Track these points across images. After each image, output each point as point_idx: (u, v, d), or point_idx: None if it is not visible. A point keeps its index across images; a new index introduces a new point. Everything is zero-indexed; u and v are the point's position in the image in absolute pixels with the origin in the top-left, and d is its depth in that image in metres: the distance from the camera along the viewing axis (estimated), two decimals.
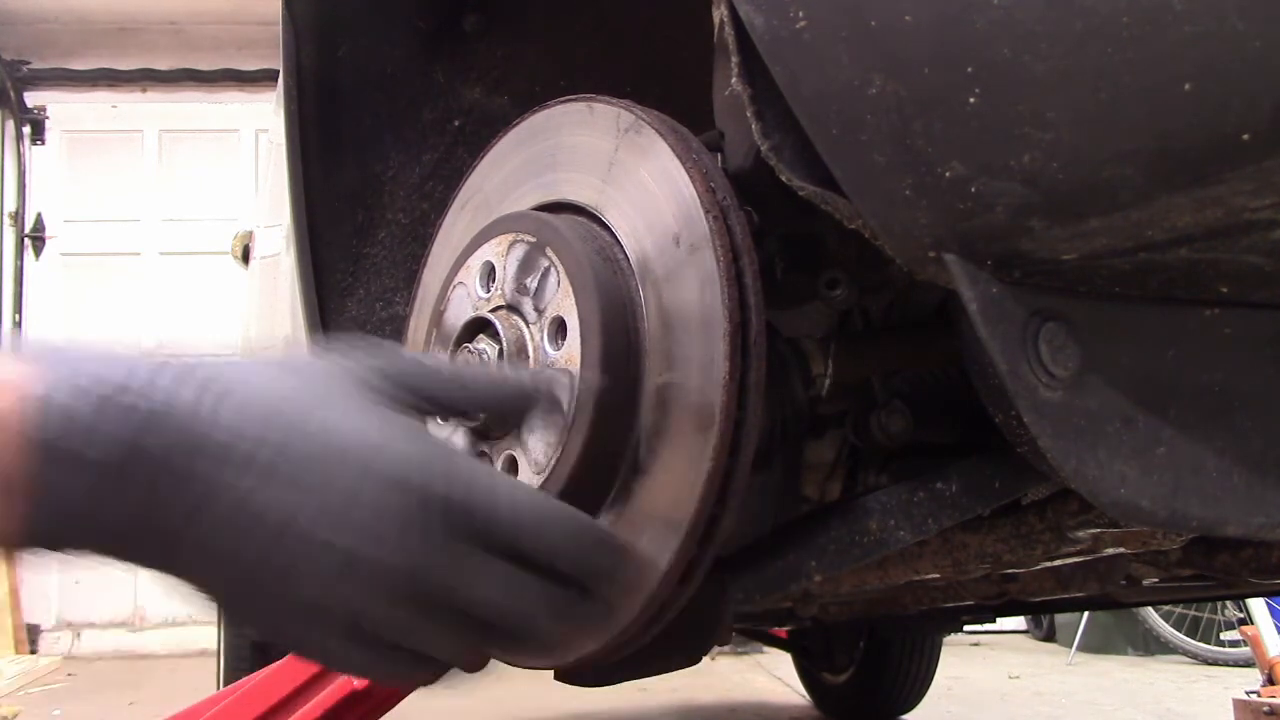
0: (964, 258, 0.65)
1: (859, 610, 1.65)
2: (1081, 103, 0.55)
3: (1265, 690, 3.01)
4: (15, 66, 6.10)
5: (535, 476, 0.80)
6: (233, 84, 6.24)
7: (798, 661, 3.48)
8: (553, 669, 0.86)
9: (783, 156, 0.73)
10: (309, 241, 1.38)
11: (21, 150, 6.15)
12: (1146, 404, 0.68)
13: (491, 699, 3.68)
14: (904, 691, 3.14)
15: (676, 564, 0.74)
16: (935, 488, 0.85)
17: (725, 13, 0.73)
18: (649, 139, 0.81)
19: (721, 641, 0.97)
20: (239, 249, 2.96)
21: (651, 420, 0.77)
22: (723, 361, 0.72)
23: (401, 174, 1.41)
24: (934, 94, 0.61)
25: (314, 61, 1.38)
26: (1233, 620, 4.50)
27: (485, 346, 0.84)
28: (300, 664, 1.63)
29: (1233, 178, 0.55)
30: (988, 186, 0.61)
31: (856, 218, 0.70)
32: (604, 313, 0.78)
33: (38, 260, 6.15)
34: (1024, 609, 2.70)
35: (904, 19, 0.61)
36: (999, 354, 0.64)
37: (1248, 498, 0.71)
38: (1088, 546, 0.96)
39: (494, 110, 1.41)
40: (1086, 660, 4.85)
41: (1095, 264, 0.65)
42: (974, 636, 5.70)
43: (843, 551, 0.89)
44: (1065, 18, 0.54)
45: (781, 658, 3.91)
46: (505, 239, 0.87)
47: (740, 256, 0.74)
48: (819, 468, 1.03)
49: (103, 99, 6.22)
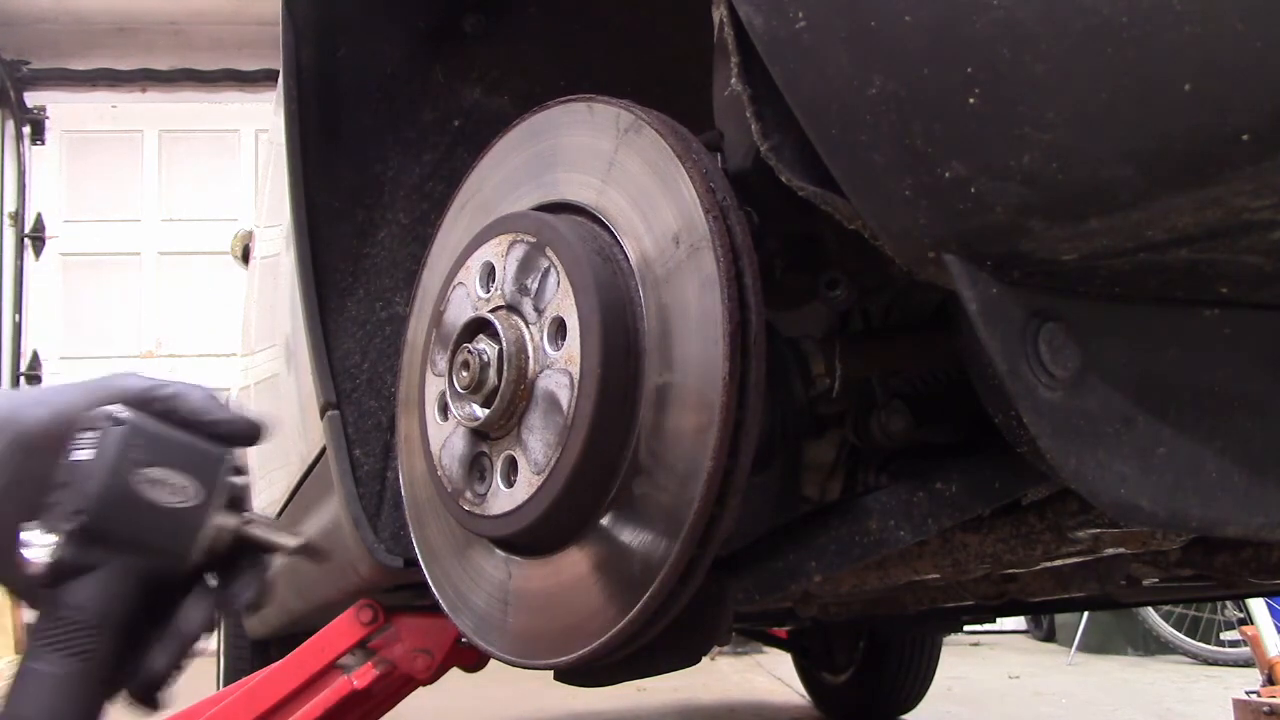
0: (964, 258, 0.65)
1: (859, 610, 1.65)
2: (1081, 103, 0.55)
3: (1265, 690, 3.01)
4: (15, 66, 6.10)
5: (535, 476, 0.80)
6: (233, 84, 6.25)
7: (798, 661, 3.48)
8: (552, 669, 0.86)
9: (782, 156, 0.73)
10: (309, 241, 1.38)
11: (21, 150, 6.16)
12: (1146, 404, 0.68)
13: (491, 699, 3.68)
14: (904, 691, 3.14)
15: (677, 564, 0.74)
16: (935, 488, 0.85)
17: (725, 13, 0.73)
18: (649, 139, 0.81)
19: (721, 641, 0.97)
20: (239, 249, 2.96)
21: (651, 420, 0.77)
22: (722, 362, 0.72)
23: (401, 174, 1.41)
24: (933, 94, 0.61)
25: (314, 61, 1.38)
26: (1233, 620, 4.50)
27: (485, 346, 0.84)
28: (300, 664, 1.63)
29: (1232, 178, 0.55)
30: (987, 187, 0.61)
31: (856, 218, 0.70)
32: (604, 313, 0.78)
33: (38, 260, 6.16)
34: (1024, 609, 2.70)
35: (903, 19, 0.61)
36: (999, 354, 0.64)
37: (1248, 498, 0.71)
38: (1088, 546, 0.96)
39: (494, 110, 1.41)
40: (1086, 660, 4.85)
41: (1095, 264, 0.65)
42: (974, 636, 5.71)
43: (843, 551, 0.89)
44: (1065, 18, 0.54)
45: (781, 658, 3.91)
46: (505, 239, 0.87)
47: (740, 257, 0.74)
48: (819, 468, 1.03)
49: (102, 99, 6.22)
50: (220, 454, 0.72)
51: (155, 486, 0.68)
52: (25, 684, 0.64)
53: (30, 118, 6.17)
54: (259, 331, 2.27)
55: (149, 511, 0.68)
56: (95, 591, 0.66)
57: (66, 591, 0.66)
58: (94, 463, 0.67)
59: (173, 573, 0.70)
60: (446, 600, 0.96)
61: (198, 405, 0.73)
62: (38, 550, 0.66)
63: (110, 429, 0.67)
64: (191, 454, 0.70)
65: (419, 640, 1.78)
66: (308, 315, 1.39)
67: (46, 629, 0.66)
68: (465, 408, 0.85)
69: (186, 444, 0.70)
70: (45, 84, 6.19)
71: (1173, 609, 4.68)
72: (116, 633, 0.67)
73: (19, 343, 6.12)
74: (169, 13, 6.16)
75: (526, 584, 0.86)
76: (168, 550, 0.69)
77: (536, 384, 0.81)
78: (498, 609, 0.89)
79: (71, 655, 0.65)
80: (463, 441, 0.87)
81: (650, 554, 0.76)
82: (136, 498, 0.67)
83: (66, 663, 0.65)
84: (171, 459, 0.69)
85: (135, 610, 0.68)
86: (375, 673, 1.66)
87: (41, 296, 6.13)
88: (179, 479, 0.69)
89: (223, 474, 0.71)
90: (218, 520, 0.71)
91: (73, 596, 0.66)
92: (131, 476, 0.67)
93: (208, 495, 0.70)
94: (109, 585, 0.67)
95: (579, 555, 0.82)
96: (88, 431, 0.68)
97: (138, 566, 0.68)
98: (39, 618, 0.67)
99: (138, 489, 0.67)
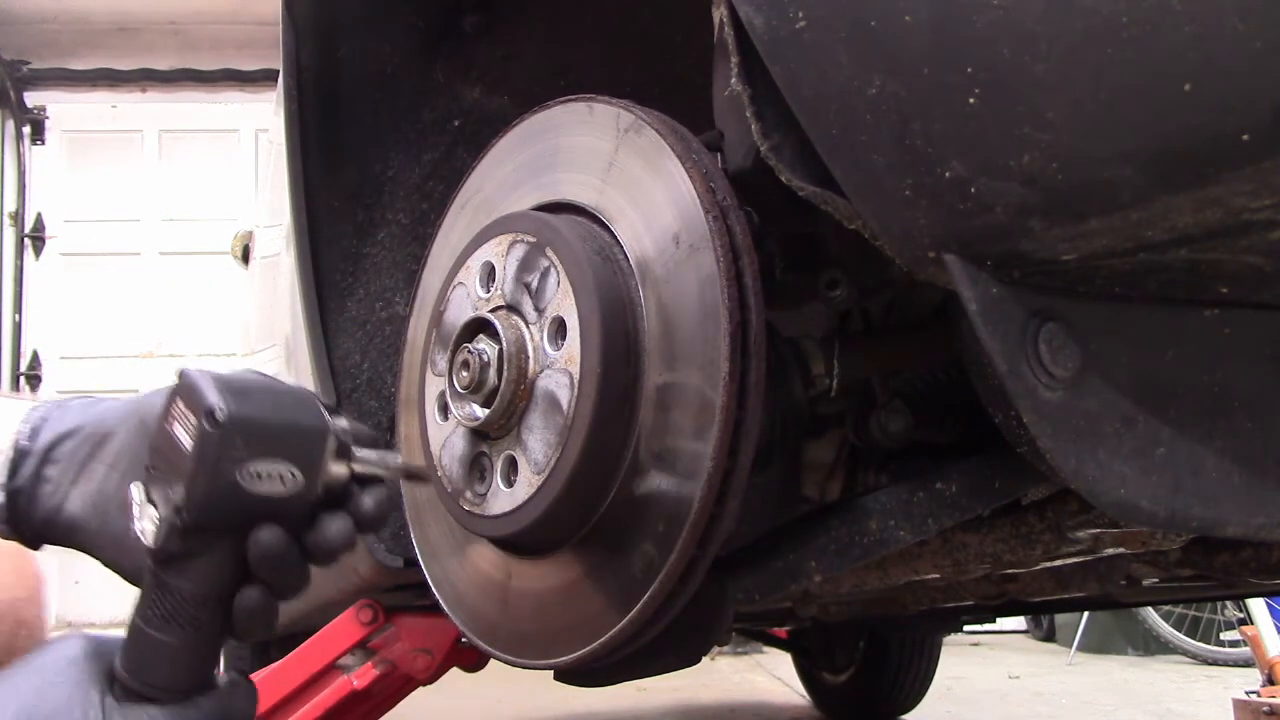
0: (964, 258, 0.65)
1: (859, 610, 1.65)
2: (1081, 103, 0.55)
3: (1265, 690, 3.00)
4: (15, 66, 6.10)
5: (535, 476, 0.80)
6: (233, 84, 6.24)
7: (798, 661, 3.48)
8: (552, 669, 0.87)
9: (783, 156, 0.73)
10: (309, 241, 1.38)
11: (21, 150, 6.15)
12: (1146, 404, 0.68)
13: (491, 699, 3.68)
14: (904, 691, 3.14)
15: (677, 563, 0.74)
16: (935, 488, 0.85)
17: (725, 13, 0.73)
18: (649, 139, 0.81)
19: (721, 641, 0.97)
20: (239, 249, 2.95)
21: (651, 420, 0.77)
22: (723, 361, 0.72)
23: (401, 174, 1.42)
24: (934, 94, 0.61)
25: (314, 61, 1.38)
26: (1233, 620, 4.50)
27: (485, 346, 0.84)
28: (300, 664, 1.63)
29: (1232, 178, 0.55)
30: (987, 187, 0.61)
31: (856, 218, 0.70)
32: (604, 312, 0.77)
33: (38, 260, 6.15)
34: (1024, 609, 2.70)
35: (903, 19, 0.61)
36: (999, 354, 0.64)
37: (1248, 498, 0.71)
38: (1088, 547, 0.96)
39: (494, 110, 1.41)
40: (1086, 660, 4.84)
41: (1095, 264, 0.65)
42: (974, 636, 5.71)
43: (843, 551, 0.89)
44: (1065, 18, 0.54)
45: (781, 658, 3.91)
46: (505, 239, 0.87)
47: (740, 256, 0.74)
48: (819, 468, 1.03)
49: (102, 99, 6.22)
50: (320, 429, 0.71)
51: (258, 480, 0.68)
52: (143, 649, 0.68)
53: (30, 118, 6.17)
54: (259, 331, 2.27)
55: (253, 502, 0.68)
56: (204, 573, 0.69)
57: (174, 571, 0.69)
58: (193, 462, 0.67)
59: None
60: (446, 600, 0.96)
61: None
62: (147, 531, 0.68)
63: (208, 431, 0.67)
64: (291, 439, 0.70)
65: (419, 640, 1.78)
66: (308, 315, 1.39)
67: (158, 600, 0.69)
68: (465, 408, 0.85)
69: (286, 428, 0.70)
70: (45, 84, 6.19)
71: (1173, 609, 4.68)
72: (226, 601, 0.70)
73: (19, 343, 6.12)
74: (169, 13, 6.16)
75: (526, 584, 0.86)
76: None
77: (536, 384, 0.81)
78: (498, 609, 0.89)
79: (184, 626, 0.68)
80: (463, 441, 0.87)
81: (650, 553, 0.76)
82: (239, 492, 0.67)
83: (181, 632, 0.68)
84: (271, 449, 0.68)
85: (246, 574, 0.70)
86: (375, 673, 1.67)
87: (41, 296, 6.13)
88: (281, 467, 0.69)
89: (325, 451, 0.71)
90: (327, 478, 0.71)
91: (181, 576, 0.69)
92: (234, 473, 0.67)
93: (312, 475, 0.70)
94: (218, 565, 0.69)
95: (579, 555, 0.82)
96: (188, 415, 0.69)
97: (245, 545, 0.70)
98: (150, 586, 0.70)
99: (240, 483, 0.67)
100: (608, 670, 0.90)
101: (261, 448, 0.68)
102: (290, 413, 0.71)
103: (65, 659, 0.69)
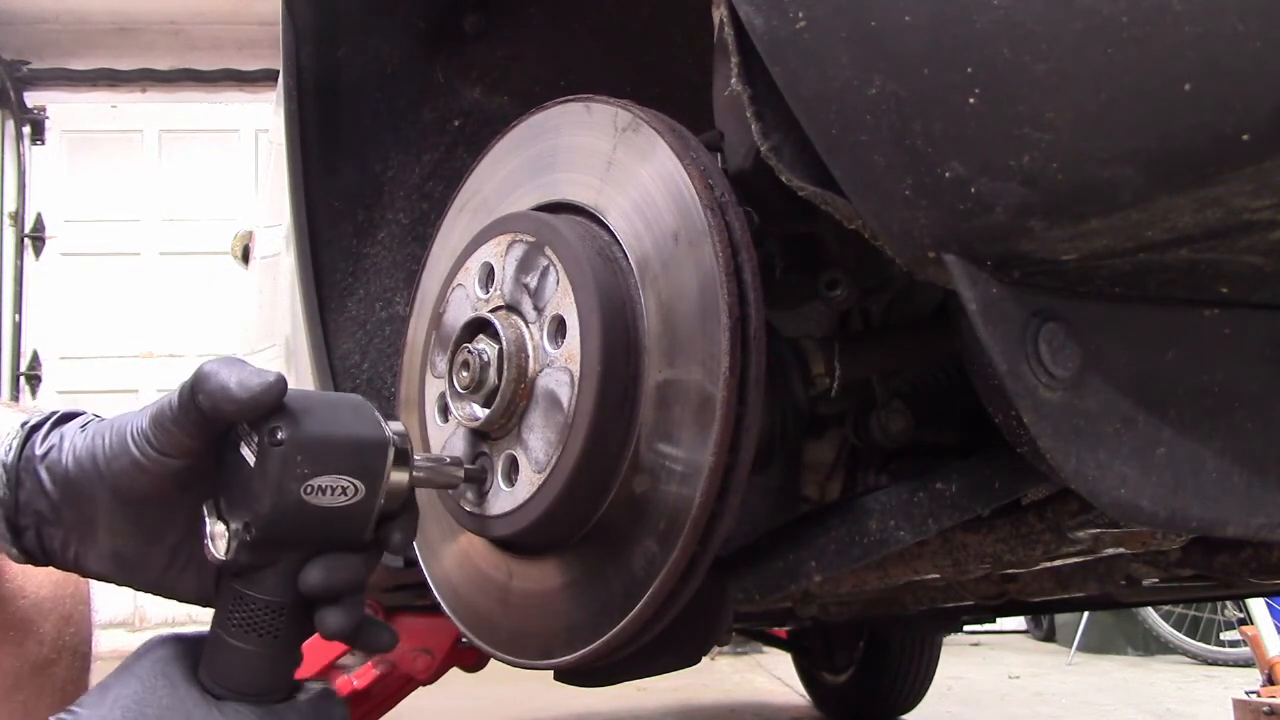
0: (964, 258, 0.65)
1: (859, 610, 1.65)
2: (1081, 103, 0.55)
3: (1265, 690, 3.01)
4: (15, 66, 6.10)
5: (536, 475, 0.80)
6: (233, 84, 6.25)
7: (798, 661, 3.49)
8: (552, 669, 0.87)
9: (782, 156, 0.73)
10: (309, 241, 1.38)
11: (21, 150, 6.15)
12: (1146, 404, 0.68)
13: (491, 699, 3.68)
14: (904, 691, 3.14)
15: (678, 562, 0.74)
16: (935, 488, 0.85)
17: (725, 13, 0.73)
18: (646, 138, 0.81)
19: (721, 641, 0.97)
20: (239, 249, 2.95)
21: (652, 417, 0.77)
22: (723, 356, 0.72)
23: (401, 174, 1.42)
24: (934, 94, 0.61)
25: (314, 61, 1.38)
26: (1233, 620, 4.50)
27: (485, 346, 0.84)
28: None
29: (1232, 178, 0.55)
30: (987, 187, 0.61)
31: (856, 218, 0.70)
32: (603, 311, 0.78)
33: (38, 260, 6.16)
34: (1024, 609, 2.70)
35: (903, 19, 0.61)
36: (999, 354, 0.64)
37: (1248, 498, 0.71)
38: (1088, 547, 0.96)
39: (494, 110, 1.41)
40: (1086, 660, 4.85)
41: (1095, 264, 0.65)
42: (974, 636, 5.71)
43: (843, 551, 0.89)
44: (1065, 18, 0.54)
45: (781, 658, 3.91)
46: (504, 239, 0.87)
47: (739, 252, 0.74)
48: (819, 468, 1.03)
49: (102, 99, 6.22)
50: (380, 441, 0.73)
51: (322, 494, 0.70)
52: (227, 658, 0.71)
53: (30, 118, 6.17)
54: (259, 331, 2.27)
55: (318, 515, 0.70)
56: (276, 583, 0.71)
57: (248, 582, 0.71)
58: (258, 481, 0.69)
59: (351, 547, 0.74)
60: (446, 600, 0.96)
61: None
62: (218, 545, 0.70)
63: (271, 449, 0.68)
64: (352, 452, 0.71)
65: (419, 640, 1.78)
66: (308, 315, 1.39)
67: (235, 610, 0.72)
68: (465, 408, 0.85)
69: (347, 442, 0.71)
70: (45, 84, 6.19)
71: (1173, 609, 4.69)
72: (301, 608, 0.72)
73: (19, 343, 6.12)
74: (169, 13, 6.16)
75: (527, 584, 0.86)
76: (341, 539, 0.73)
77: (537, 383, 0.81)
78: (498, 609, 0.89)
79: (263, 635, 0.71)
80: (463, 442, 0.87)
81: (652, 550, 0.76)
82: (304, 507, 0.69)
83: (260, 641, 0.71)
84: (334, 464, 0.70)
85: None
86: (375, 673, 1.67)
87: (41, 296, 6.13)
88: (343, 481, 0.71)
89: (386, 463, 0.73)
90: (389, 488, 0.73)
91: (254, 587, 0.71)
92: (298, 490, 0.69)
93: (374, 486, 0.72)
94: (289, 575, 0.71)
95: (580, 554, 0.82)
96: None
97: (314, 554, 0.72)
98: (226, 597, 0.72)
99: (305, 499, 0.69)
100: (608, 670, 0.90)
101: (324, 464, 0.70)
102: (350, 426, 0.72)
103: (160, 663, 0.71)
